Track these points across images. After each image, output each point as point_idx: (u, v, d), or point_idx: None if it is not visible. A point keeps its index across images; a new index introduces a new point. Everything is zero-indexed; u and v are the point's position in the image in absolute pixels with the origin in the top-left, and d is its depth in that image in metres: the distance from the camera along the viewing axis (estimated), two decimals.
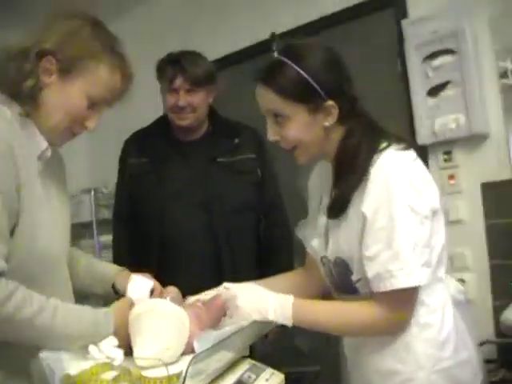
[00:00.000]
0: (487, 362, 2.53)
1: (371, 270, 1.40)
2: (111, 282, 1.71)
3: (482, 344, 2.54)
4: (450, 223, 2.78)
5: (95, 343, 1.34)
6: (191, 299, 1.65)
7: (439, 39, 2.79)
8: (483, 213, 2.75)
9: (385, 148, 1.44)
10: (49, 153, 1.49)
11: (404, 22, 2.93)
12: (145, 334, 1.32)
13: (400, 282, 1.36)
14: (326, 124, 1.47)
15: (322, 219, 1.60)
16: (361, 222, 1.41)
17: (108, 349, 1.33)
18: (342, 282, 1.54)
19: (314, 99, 1.44)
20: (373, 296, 1.44)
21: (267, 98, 1.48)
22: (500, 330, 2.50)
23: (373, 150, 1.44)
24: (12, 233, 1.33)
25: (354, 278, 1.49)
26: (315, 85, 1.43)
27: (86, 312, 1.39)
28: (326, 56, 1.49)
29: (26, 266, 1.37)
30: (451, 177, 2.81)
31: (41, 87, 1.42)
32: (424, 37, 2.83)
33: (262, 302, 1.47)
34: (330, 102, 1.45)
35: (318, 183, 1.69)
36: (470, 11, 2.74)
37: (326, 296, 1.69)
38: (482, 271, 2.75)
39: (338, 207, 1.48)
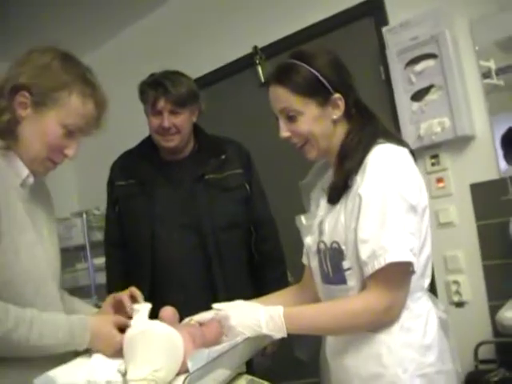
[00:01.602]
0: (486, 362, 2.55)
1: (366, 251, 1.45)
2: None
3: (479, 345, 2.56)
4: (441, 226, 2.80)
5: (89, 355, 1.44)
6: (185, 320, 1.65)
7: (420, 44, 2.81)
8: (474, 214, 2.77)
9: (382, 142, 1.55)
10: (31, 180, 1.56)
11: (384, 30, 2.96)
12: (137, 357, 1.33)
13: (394, 255, 1.41)
14: (334, 117, 1.60)
15: (321, 208, 1.67)
16: (357, 204, 1.49)
17: (109, 372, 1.35)
18: (333, 269, 1.57)
19: (323, 93, 1.58)
20: (366, 282, 1.48)
21: (281, 97, 1.61)
22: (497, 329, 2.51)
23: (371, 144, 1.54)
24: None
25: (345, 265, 1.53)
26: (324, 80, 1.58)
27: (62, 322, 1.47)
28: (330, 57, 1.63)
29: (11, 288, 1.43)
30: (439, 180, 2.83)
31: (18, 121, 1.50)
32: (405, 43, 2.86)
33: (253, 318, 1.50)
34: (337, 95, 1.59)
35: (314, 181, 1.80)
36: (449, 15, 2.77)
37: None
38: (476, 272, 2.76)
39: (338, 191, 1.58)
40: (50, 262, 1.59)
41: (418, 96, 2.85)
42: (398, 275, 1.45)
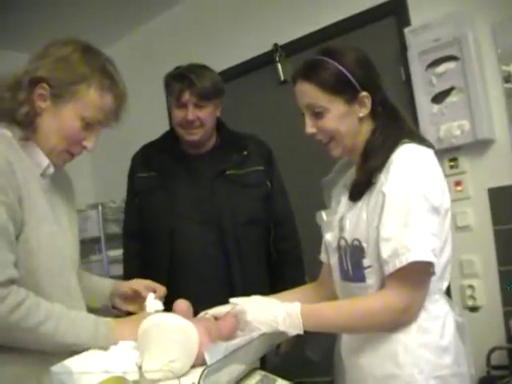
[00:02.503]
0: (498, 368, 2.53)
1: (387, 250, 1.44)
2: (108, 295, 1.82)
3: (492, 350, 2.55)
4: (459, 229, 2.78)
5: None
6: (201, 314, 1.66)
7: (442, 46, 2.80)
8: (491, 218, 2.75)
9: (408, 142, 1.54)
10: (51, 170, 1.57)
11: (406, 30, 2.95)
12: (151, 348, 1.33)
13: (416, 254, 1.41)
14: (361, 115, 1.60)
15: (341, 204, 1.67)
16: (381, 202, 1.48)
17: (126, 364, 1.35)
18: (353, 266, 1.57)
19: (350, 91, 1.57)
20: (386, 280, 1.47)
21: (308, 92, 1.60)
22: (511, 335, 2.49)
23: (396, 144, 1.54)
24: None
25: (366, 263, 1.53)
26: (351, 78, 1.56)
27: (88, 323, 1.47)
28: (358, 55, 1.62)
29: (30, 278, 1.43)
30: (458, 183, 2.82)
31: (37, 112, 1.51)
32: (427, 44, 2.85)
33: (270, 314, 1.49)
34: (364, 93, 1.58)
35: (336, 178, 1.80)
36: (472, 17, 2.76)
37: None
38: (491, 277, 2.74)
39: (360, 188, 1.58)
40: (69, 252, 1.59)
41: (438, 98, 2.84)
42: (418, 275, 1.44)
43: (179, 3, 4.14)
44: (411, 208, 1.43)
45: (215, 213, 2.34)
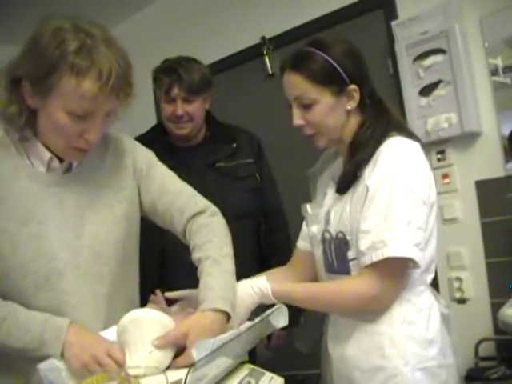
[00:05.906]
0: (486, 359, 2.55)
1: (365, 242, 1.45)
2: None
3: (480, 342, 2.56)
4: (446, 222, 2.79)
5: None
6: (176, 293, 1.68)
7: (429, 39, 2.80)
8: (478, 211, 2.76)
9: (395, 135, 1.55)
10: (56, 164, 1.48)
11: (394, 23, 2.94)
12: (130, 345, 1.34)
13: (392, 250, 1.41)
14: (349, 107, 1.60)
15: (328, 197, 1.68)
16: (364, 195, 1.49)
17: None
18: (338, 259, 1.58)
19: (338, 83, 1.58)
20: (361, 269, 1.48)
21: (297, 84, 1.59)
22: (498, 327, 2.51)
23: (384, 137, 1.54)
24: None
25: (350, 255, 1.53)
26: (340, 70, 1.57)
27: (35, 327, 1.35)
28: (347, 47, 1.62)
29: (10, 281, 1.40)
30: (445, 176, 2.82)
31: (33, 111, 1.41)
32: (414, 37, 2.84)
33: (244, 293, 1.55)
34: (353, 86, 1.58)
35: (322, 169, 1.81)
36: (459, 10, 2.75)
37: None
38: (479, 269, 2.75)
39: (347, 181, 1.58)
40: (77, 250, 1.48)
41: (425, 91, 2.84)
42: (394, 269, 1.45)
43: None
44: (393, 202, 1.44)
45: None
